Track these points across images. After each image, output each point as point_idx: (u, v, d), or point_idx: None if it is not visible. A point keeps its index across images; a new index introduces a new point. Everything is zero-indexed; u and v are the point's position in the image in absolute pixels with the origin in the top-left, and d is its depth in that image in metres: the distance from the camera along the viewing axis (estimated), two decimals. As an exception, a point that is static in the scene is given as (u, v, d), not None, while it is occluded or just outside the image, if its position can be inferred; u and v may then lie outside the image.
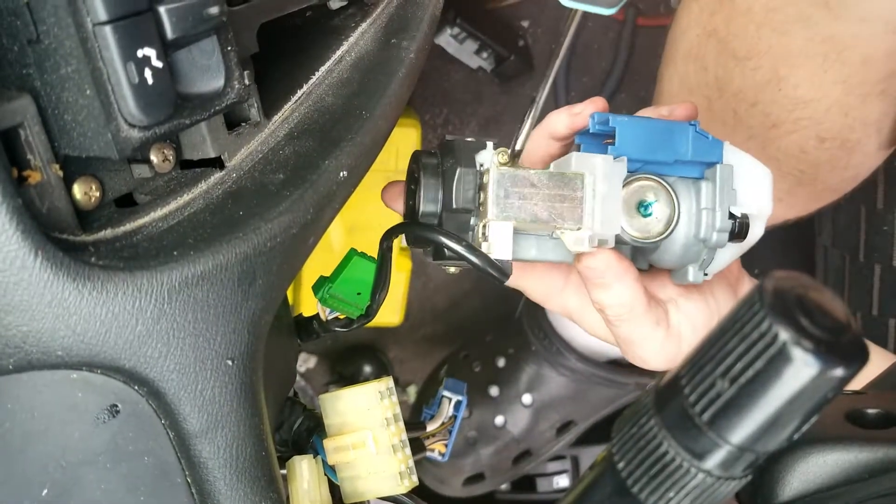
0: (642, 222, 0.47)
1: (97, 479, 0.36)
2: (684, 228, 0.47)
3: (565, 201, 0.44)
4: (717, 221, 0.46)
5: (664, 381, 0.29)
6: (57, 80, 0.31)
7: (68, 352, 0.32)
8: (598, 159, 0.45)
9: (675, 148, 0.47)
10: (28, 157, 0.31)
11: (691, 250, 0.48)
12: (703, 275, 0.49)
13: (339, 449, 0.47)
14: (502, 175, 0.44)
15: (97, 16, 0.30)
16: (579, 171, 0.45)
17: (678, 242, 0.48)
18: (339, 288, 0.48)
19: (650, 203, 0.47)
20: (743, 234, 0.48)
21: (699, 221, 0.47)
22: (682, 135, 0.47)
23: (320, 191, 0.40)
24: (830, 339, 0.24)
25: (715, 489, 0.28)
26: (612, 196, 0.45)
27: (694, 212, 0.47)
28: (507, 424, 0.98)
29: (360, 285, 0.48)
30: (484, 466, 1.00)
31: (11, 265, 0.29)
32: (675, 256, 0.48)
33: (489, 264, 0.44)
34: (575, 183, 0.45)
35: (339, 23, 0.48)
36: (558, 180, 0.45)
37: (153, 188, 0.37)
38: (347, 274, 0.48)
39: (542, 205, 0.44)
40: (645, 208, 0.47)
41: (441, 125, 1.12)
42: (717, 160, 0.47)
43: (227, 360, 0.37)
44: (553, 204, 0.44)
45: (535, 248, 0.47)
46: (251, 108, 0.40)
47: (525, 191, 0.44)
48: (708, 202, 0.47)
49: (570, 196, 0.44)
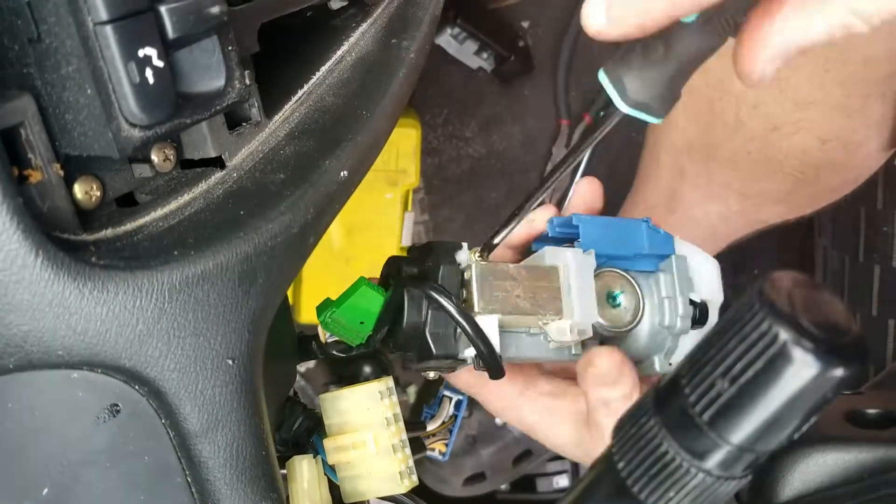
0: (613, 313, 0.49)
1: (97, 479, 0.36)
2: (649, 318, 0.49)
3: (545, 292, 0.46)
4: (679, 307, 0.49)
5: (664, 382, 0.29)
6: (58, 79, 0.31)
7: (69, 351, 0.32)
8: (569, 252, 0.47)
9: (632, 242, 0.49)
10: (29, 156, 0.31)
11: (657, 339, 0.50)
12: (668, 364, 0.50)
13: (339, 449, 0.47)
14: (485, 269, 0.45)
15: (98, 15, 0.30)
16: (554, 264, 0.47)
17: (644, 331, 0.50)
18: (343, 314, 0.47)
19: (618, 294, 0.49)
20: (704, 320, 0.50)
21: (662, 310, 0.49)
22: (636, 230, 0.50)
23: (321, 191, 0.40)
24: (830, 339, 0.24)
25: (715, 489, 0.28)
26: (586, 286, 0.47)
27: (657, 301, 0.49)
28: (507, 424, 0.98)
29: (364, 314, 0.47)
30: (484, 466, 1.00)
31: (12, 264, 0.29)
32: (642, 346, 0.50)
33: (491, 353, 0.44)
34: (551, 274, 0.46)
35: (339, 23, 0.48)
36: (535, 273, 0.46)
37: (154, 188, 0.37)
38: (353, 301, 0.46)
39: (524, 296, 0.46)
40: (614, 299, 0.49)
41: (441, 125, 1.12)
42: (671, 252, 0.50)
43: (228, 360, 0.37)
44: (534, 295, 0.46)
45: (514, 347, 0.47)
46: (252, 108, 0.40)
47: (506, 283, 0.45)
48: (668, 291, 0.49)
49: (548, 287, 0.46)
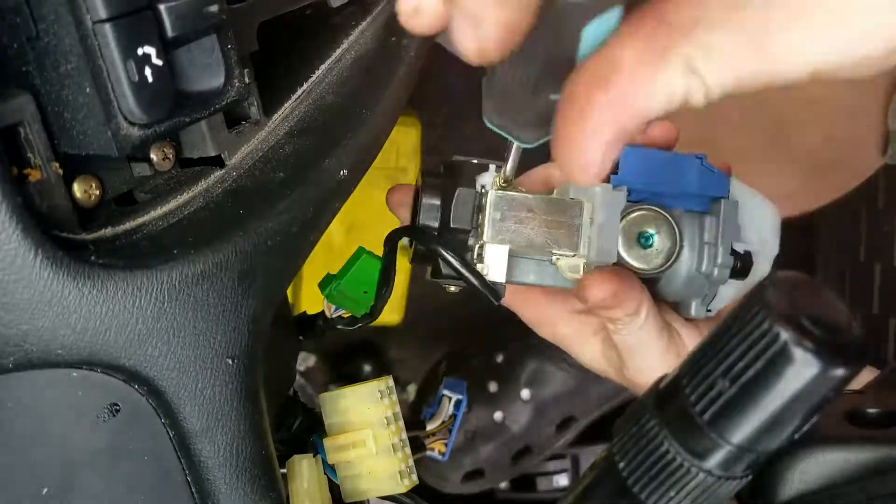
0: (642, 253, 0.47)
1: (97, 478, 0.36)
2: (686, 261, 0.47)
3: (562, 227, 0.44)
4: (718, 256, 0.46)
5: (665, 382, 0.29)
6: (57, 77, 0.31)
7: (68, 350, 0.32)
8: (597, 188, 0.45)
9: (680, 180, 0.46)
10: (28, 155, 0.31)
11: (694, 284, 0.47)
12: (707, 311, 0.49)
13: (338, 448, 0.47)
14: (500, 198, 0.44)
15: (97, 13, 0.30)
16: (578, 199, 0.45)
17: (680, 275, 0.47)
18: (347, 285, 0.48)
19: (651, 235, 0.47)
20: (745, 272, 0.47)
21: (701, 255, 0.46)
22: (688, 168, 0.47)
23: (320, 189, 0.40)
24: (831, 339, 0.24)
25: (715, 489, 0.28)
26: (610, 225, 0.45)
27: (697, 245, 0.47)
28: (506, 420, 0.98)
29: (367, 284, 0.48)
30: (483, 462, 0.99)
31: (11, 263, 0.29)
32: (677, 289, 0.48)
33: (483, 284, 0.44)
34: (573, 210, 0.45)
35: (339, 21, 0.48)
36: (556, 206, 0.45)
37: (153, 186, 0.37)
38: (355, 272, 0.48)
39: (538, 230, 0.44)
40: (646, 240, 0.47)
41: (441, 124, 1.11)
42: (724, 195, 0.47)
43: (227, 359, 0.37)
44: (549, 230, 0.44)
45: (533, 273, 0.47)
46: (251, 107, 0.40)
47: (522, 215, 0.44)
48: (710, 237, 0.46)
49: (566, 223, 0.45)
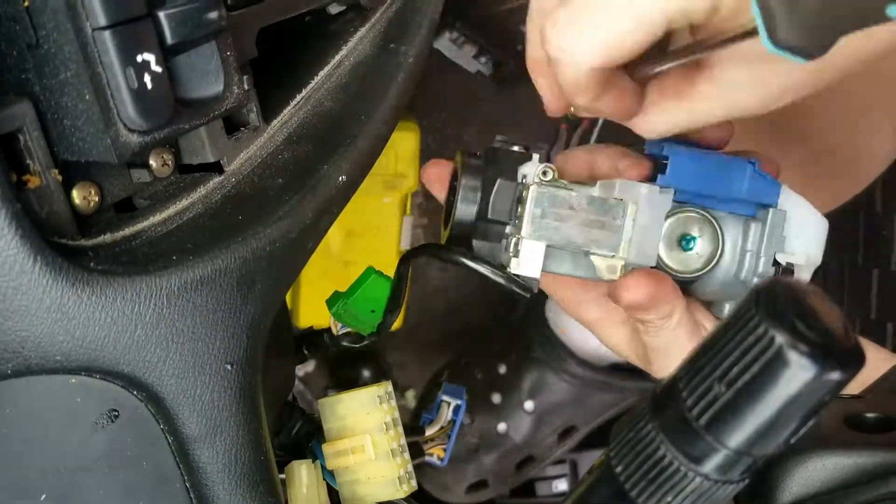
0: (682, 256, 0.45)
1: (95, 485, 0.36)
2: (726, 266, 0.46)
3: (603, 228, 0.43)
4: (759, 266, 0.45)
5: (662, 386, 0.29)
6: (56, 84, 0.31)
7: (67, 356, 0.32)
8: (644, 188, 0.44)
9: (729, 185, 0.45)
10: (27, 161, 0.31)
11: (730, 289, 0.46)
12: None
13: (337, 453, 0.47)
14: (542, 194, 0.43)
15: (96, 21, 0.30)
16: (621, 198, 0.44)
17: (717, 279, 0.46)
18: (355, 305, 0.48)
19: (693, 238, 0.46)
20: None
21: (742, 262, 0.45)
22: (739, 172, 0.45)
23: (319, 195, 0.40)
24: (826, 342, 0.24)
25: (712, 493, 0.28)
26: (653, 227, 0.44)
27: (738, 251, 0.45)
28: (509, 431, 0.98)
29: (375, 303, 0.49)
30: (487, 473, 0.99)
31: (10, 270, 0.29)
32: (713, 291, 0.47)
33: (514, 283, 0.43)
34: (616, 210, 0.43)
35: (337, 27, 0.48)
36: (599, 206, 0.43)
37: (152, 193, 0.37)
38: (364, 291, 0.48)
39: (579, 229, 0.43)
40: (687, 242, 0.45)
41: (439, 129, 1.12)
42: (773, 203, 0.46)
43: (226, 365, 0.37)
44: (590, 229, 0.43)
45: (569, 263, 0.45)
46: (250, 113, 0.40)
47: (563, 212, 0.43)
48: (753, 245, 0.45)
49: (608, 223, 0.43)
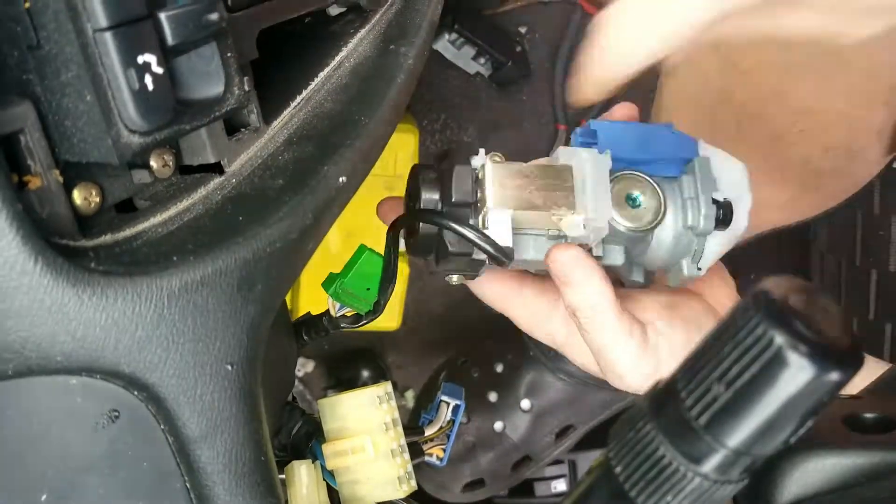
0: (632, 213, 0.50)
1: (96, 485, 0.36)
2: (672, 220, 0.50)
3: (558, 190, 0.47)
4: (701, 206, 0.49)
5: (661, 386, 0.29)
6: (57, 85, 0.31)
7: (68, 357, 0.32)
8: (584, 153, 0.48)
9: (653, 147, 0.50)
10: (28, 162, 0.31)
11: (682, 241, 0.50)
12: (697, 269, 0.51)
13: (337, 453, 0.47)
14: (496, 168, 0.47)
15: (97, 22, 0.30)
16: (567, 164, 0.48)
17: (668, 234, 0.50)
18: (351, 282, 0.50)
19: (637, 196, 0.50)
20: (728, 220, 0.50)
21: (685, 210, 0.50)
22: (659, 135, 0.51)
23: (319, 196, 0.40)
24: (826, 342, 0.24)
25: (712, 493, 0.28)
26: (601, 185, 0.48)
27: (679, 203, 0.50)
28: (506, 430, 0.98)
29: (370, 280, 0.50)
30: (484, 472, 0.99)
31: (11, 270, 0.29)
32: (667, 249, 0.51)
33: (493, 246, 0.46)
34: (565, 174, 0.48)
35: (337, 29, 0.48)
36: (549, 172, 0.48)
37: (153, 193, 0.37)
38: (358, 269, 0.50)
39: (537, 193, 0.47)
40: (633, 200, 0.50)
41: (439, 130, 1.12)
42: (694, 154, 0.50)
43: (227, 365, 0.37)
44: (547, 192, 0.47)
45: (532, 249, 0.49)
46: (251, 114, 0.40)
47: (519, 182, 0.47)
48: (690, 192, 0.50)
49: (561, 185, 0.47)
